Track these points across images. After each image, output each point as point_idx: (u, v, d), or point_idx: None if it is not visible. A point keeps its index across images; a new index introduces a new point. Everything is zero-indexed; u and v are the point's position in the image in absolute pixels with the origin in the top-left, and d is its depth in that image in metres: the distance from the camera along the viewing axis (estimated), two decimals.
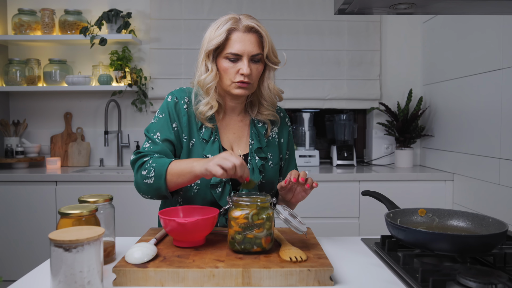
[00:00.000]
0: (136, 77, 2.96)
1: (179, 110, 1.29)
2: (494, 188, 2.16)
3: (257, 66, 1.26)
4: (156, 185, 1.18)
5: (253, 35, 1.24)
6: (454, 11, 1.35)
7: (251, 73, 1.24)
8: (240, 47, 1.22)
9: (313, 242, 1.11)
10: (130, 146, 3.08)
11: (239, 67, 1.23)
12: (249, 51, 1.22)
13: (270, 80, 1.31)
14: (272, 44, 1.27)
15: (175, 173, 1.16)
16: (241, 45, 1.22)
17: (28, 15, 2.89)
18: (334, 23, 3.02)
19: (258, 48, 1.24)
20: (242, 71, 1.22)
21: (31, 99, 3.08)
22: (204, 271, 0.91)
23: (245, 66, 1.22)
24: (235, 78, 1.24)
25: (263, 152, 1.33)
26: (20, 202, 2.53)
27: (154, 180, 1.18)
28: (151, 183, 1.19)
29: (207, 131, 1.29)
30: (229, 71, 1.24)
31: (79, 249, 0.75)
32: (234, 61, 1.24)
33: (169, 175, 1.16)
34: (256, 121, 1.36)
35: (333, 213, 2.57)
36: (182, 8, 2.99)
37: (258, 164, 1.30)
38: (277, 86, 1.34)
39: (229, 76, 1.25)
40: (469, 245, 0.95)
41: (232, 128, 1.35)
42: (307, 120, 3.04)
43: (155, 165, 1.18)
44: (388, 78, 3.09)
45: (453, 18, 2.57)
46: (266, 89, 1.32)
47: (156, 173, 1.17)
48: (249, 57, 1.23)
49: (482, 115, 2.27)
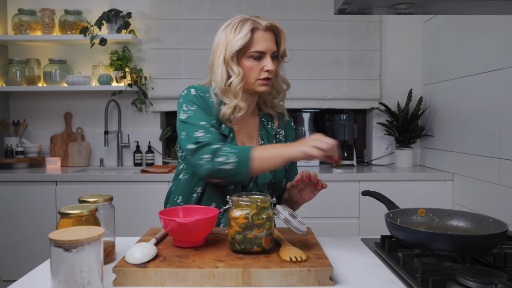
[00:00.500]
0: (136, 77, 2.96)
1: (207, 103, 1.30)
2: (494, 188, 2.16)
3: (275, 62, 1.32)
4: (238, 170, 1.18)
5: (271, 33, 1.30)
6: (454, 11, 1.35)
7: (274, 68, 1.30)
8: (264, 45, 1.27)
9: (313, 242, 1.11)
10: (130, 146, 3.08)
11: (263, 64, 1.28)
12: (271, 48, 1.29)
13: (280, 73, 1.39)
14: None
15: (262, 157, 1.18)
16: (265, 43, 1.28)
17: (28, 15, 2.89)
18: (334, 23, 3.02)
19: (275, 45, 1.31)
20: (267, 68, 1.28)
21: (31, 99, 3.08)
22: (204, 271, 0.91)
23: (270, 63, 1.28)
24: (260, 75, 1.29)
25: None
26: (20, 202, 2.53)
27: (236, 165, 1.17)
28: (231, 168, 1.18)
29: (226, 128, 1.32)
30: (254, 69, 1.29)
31: (79, 249, 0.75)
32: (257, 59, 1.28)
33: (255, 159, 1.17)
34: (265, 122, 1.40)
35: (333, 213, 2.57)
36: (182, 8, 2.99)
37: None
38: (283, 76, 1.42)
39: (254, 74, 1.29)
40: (469, 245, 0.95)
41: (245, 128, 1.38)
42: (307, 120, 3.04)
43: (235, 151, 1.18)
44: (388, 78, 3.09)
45: (453, 18, 2.57)
46: (280, 82, 1.39)
47: (239, 158, 1.17)
48: (270, 54, 1.29)
49: (482, 115, 2.27)
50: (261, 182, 1.34)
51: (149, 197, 2.53)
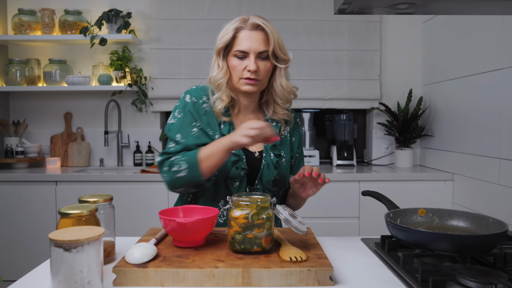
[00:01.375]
0: (136, 77, 2.96)
1: (198, 110, 1.33)
2: (494, 188, 2.16)
3: (265, 63, 1.29)
4: (191, 175, 1.22)
5: (259, 32, 1.28)
6: (454, 11, 1.35)
7: (258, 69, 1.28)
8: (247, 45, 1.27)
9: (313, 242, 1.11)
10: (130, 146, 3.08)
11: (246, 64, 1.28)
12: (256, 48, 1.27)
13: (282, 77, 1.34)
14: (279, 41, 1.31)
15: (207, 156, 1.21)
16: (248, 42, 1.27)
17: (28, 15, 2.89)
18: (334, 23, 3.02)
19: (265, 45, 1.28)
20: (248, 68, 1.27)
21: (31, 99, 3.08)
22: (204, 271, 0.91)
23: (252, 63, 1.26)
24: (242, 74, 1.29)
25: (277, 149, 1.36)
26: (20, 202, 2.53)
27: (188, 171, 1.22)
28: (185, 175, 1.23)
29: (226, 127, 1.33)
30: (237, 68, 1.29)
31: (79, 249, 0.75)
32: (241, 59, 1.28)
33: (202, 161, 1.21)
34: (270, 120, 1.39)
35: (333, 213, 2.57)
36: (182, 8, 2.99)
37: (273, 160, 1.34)
38: (290, 84, 1.36)
39: (237, 73, 1.29)
40: (469, 245, 0.95)
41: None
42: (307, 120, 3.04)
43: (185, 158, 1.24)
44: (388, 78, 3.09)
45: (453, 18, 2.57)
46: (279, 86, 1.35)
47: (189, 164, 1.22)
48: (256, 54, 1.27)
49: (482, 115, 2.27)
50: (266, 179, 1.34)
51: (149, 197, 2.53)
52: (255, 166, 1.34)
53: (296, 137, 1.46)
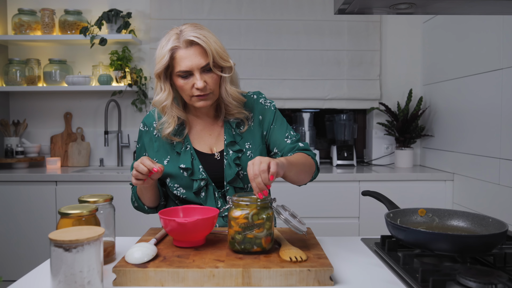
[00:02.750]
0: (136, 77, 2.96)
1: (150, 138, 1.37)
2: (494, 188, 2.16)
3: (212, 75, 1.24)
4: (138, 204, 1.40)
5: (196, 47, 1.21)
6: (454, 11, 1.35)
7: (206, 83, 1.23)
8: (187, 63, 1.21)
9: (313, 242, 1.11)
10: (130, 146, 3.08)
11: (193, 82, 1.23)
12: (197, 65, 1.21)
13: (226, 84, 1.28)
14: (218, 51, 1.23)
15: (139, 191, 1.34)
16: (187, 61, 1.21)
17: (28, 15, 2.89)
18: (334, 23, 3.02)
19: (205, 59, 1.22)
20: (196, 86, 1.22)
21: (31, 99, 3.08)
22: (204, 271, 0.91)
23: (198, 81, 1.21)
24: (192, 92, 1.24)
25: (238, 144, 1.33)
26: (20, 202, 2.53)
27: (135, 200, 1.40)
28: (137, 206, 1.41)
29: (179, 144, 1.33)
30: (184, 88, 1.24)
31: (79, 249, 0.75)
32: (186, 77, 1.23)
33: (138, 189, 1.35)
34: (228, 123, 1.35)
35: (333, 213, 2.57)
36: (182, 8, 2.99)
37: (232, 157, 1.31)
38: (236, 89, 1.30)
39: (186, 92, 1.25)
40: (469, 245, 0.95)
41: (208, 131, 1.37)
42: (307, 120, 3.04)
43: (133, 192, 1.40)
44: (388, 78, 3.09)
45: (453, 18, 2.57)
46: (224, 93, 1.29)
47: (134, 197, 1.39)
48: (199, 70, 1.22)
49: (482, 115, 2.27)
50: (229, 178, 1.30)
51: None
52: (218, 169, 1.31)
53: (265, 115, 1.37)
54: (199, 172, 1.30)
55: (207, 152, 1.34)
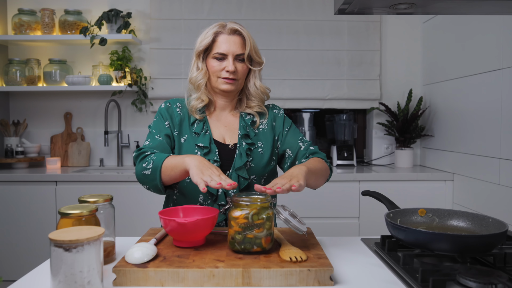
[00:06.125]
0: (136, 77, 2.96)
1: (172, 112, 1.42)
2: (494, 188, 2.16)
3: (242, 65, 1.38)
4: (152, 177, 1.25)
5: (237, 37, 1.37)
6: (454, 11, 1.35)
7: (236, 70, 1.37)
8: (225, 47, 1.36)
9: (313, 242, 1.11)
10: (130, 146, 3.08)
11: (225, 65, 1.36)
12: (234, 51, 1.36)
13: (256, 79, 1.44)
14: (255, 45, 1.40)
15: (169, 166, 1.23)
16: (226, 45, 1.36)
17: (28, 15, 2.89)
18: (334, 23, 3.02)
19: (242, 49, 1.37)
20: (227, 68, 1.35)
21: (31, 99, 3.08)
22: (204, 271, 0.91)
23: (230, 64, 1.35)
24: (221, 74, 1.37)
25: (250, 139, 1.41)
26: (20, 202, 2.53)
27: (151, 171, 1.25)
28: (148, 174, 1.26)
29: (199, 126, 1.40)
30: (216, 69, 1.37)
31: (79, 249, 0.75)
32: (220, 60, 1.37)
33: (164, 168, 1.23)
34: (245, 115, 1.45)
35: (333, 213, 2.57)
36: (182, 8, 2.99)
37: (244, 148, 1.38)
38: (264, 85, 1.45)
39: (216, 73, 1.38)
40: (469, 245, 0.95)
41: (224, 122, 1.45)
42: (307, 120, 3.04)
43: (154, 158, 1.27)
44: (388, 78, 3.09)
45: (453, 18, 2.57)
46: (253, 86, 1.44)
47: (153, 165, 1.25)
48: (234, 56, 1.36)
49: (482, 115, 2.27)
50: (237, 166, 1.35)
51: (149, 197, 2.52)
52: (229, 158, 1.38)
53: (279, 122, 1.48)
54: (214, 154, 1.36)
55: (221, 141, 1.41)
